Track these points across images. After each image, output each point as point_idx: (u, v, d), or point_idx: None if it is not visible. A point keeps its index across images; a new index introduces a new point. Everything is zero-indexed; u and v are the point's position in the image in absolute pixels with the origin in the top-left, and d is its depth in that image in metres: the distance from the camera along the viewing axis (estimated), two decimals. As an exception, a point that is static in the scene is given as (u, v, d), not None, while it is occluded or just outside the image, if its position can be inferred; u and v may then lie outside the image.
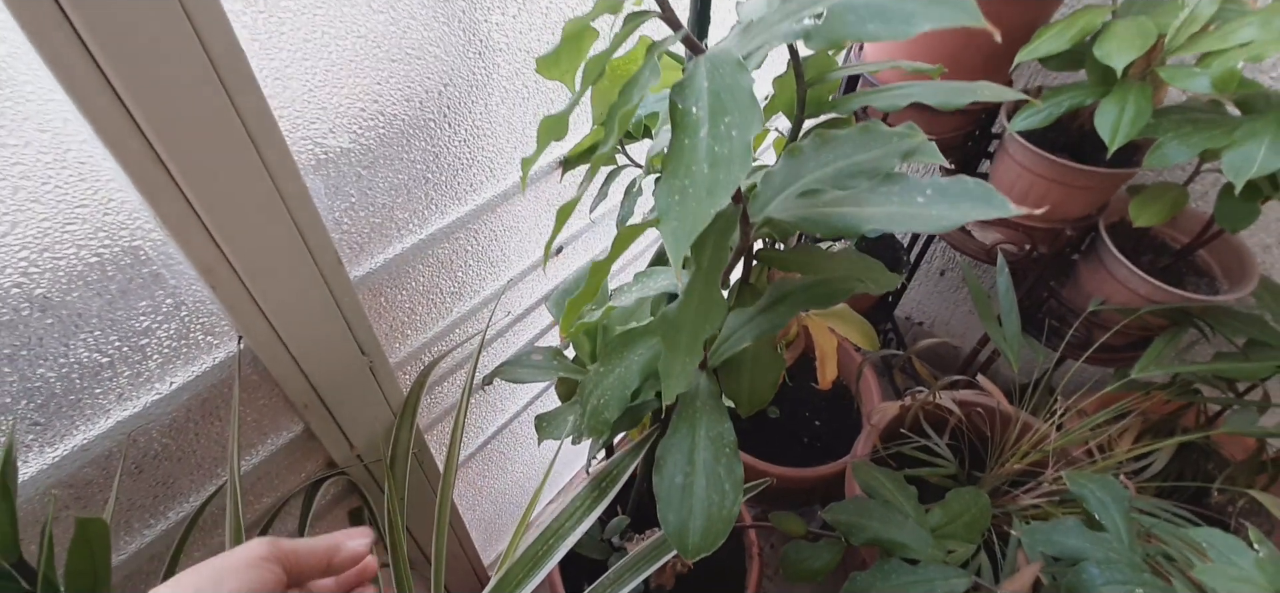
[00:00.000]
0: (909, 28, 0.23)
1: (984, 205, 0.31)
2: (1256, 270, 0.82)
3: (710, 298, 0.36)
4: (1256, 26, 0.64)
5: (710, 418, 0.48)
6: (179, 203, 0.36)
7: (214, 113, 0.35)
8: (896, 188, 0.35)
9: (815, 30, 0.25)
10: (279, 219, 0.41)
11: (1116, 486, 0.67)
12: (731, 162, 0.25)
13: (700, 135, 0.26)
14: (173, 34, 0.32)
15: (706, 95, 0.27)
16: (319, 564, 0.32)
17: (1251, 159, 0.63)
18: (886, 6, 0.24)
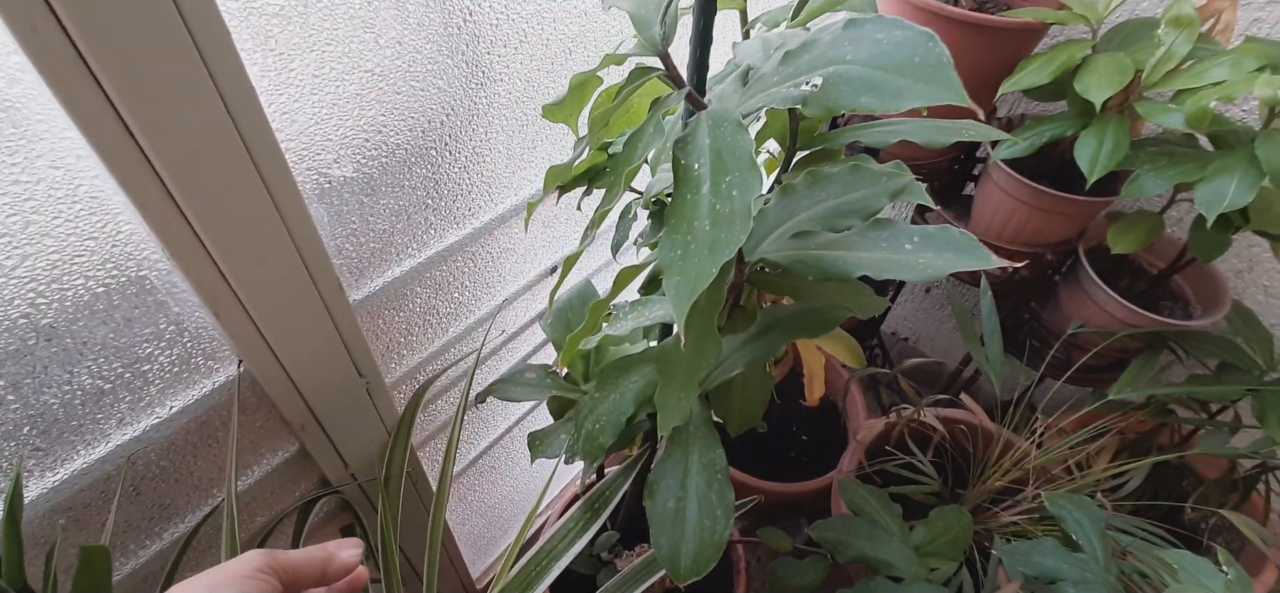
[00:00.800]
0: (899, 103, 0.25)
1: (969, 257, 0.33)
2: (1229, 296, 0.85)
3: (707, 337, 0.37)
4: (1228, 67, 0.67)
5: (703, 444, 0.49)
6: (187, 235, 0.37)
7: (224, 149, 0.36)
8: (885, 234, 0.37)
9: (812, 97, 0.27)
10: (283, 249, 0.42)
11: (1093, 506, 0.69)
12: (732, 222, 0.26)
13: (702, 192, 0.27)
14: (188, 75, 0.33)
15: (708, 153, 0.28)
16: (313, 574, 0.33)
17: (1223, 194, 0.66)
18: (879, 81, 0.25)
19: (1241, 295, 0.95)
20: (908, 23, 0.26)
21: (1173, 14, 0.70)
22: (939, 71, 0.24)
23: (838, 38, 0.28)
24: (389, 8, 0.43)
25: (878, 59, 0.26)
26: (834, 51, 0.27)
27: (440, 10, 0.46)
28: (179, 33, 0.32)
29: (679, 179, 0.29)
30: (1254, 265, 0.92)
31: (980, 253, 0.32)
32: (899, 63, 0.25)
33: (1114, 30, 0.78)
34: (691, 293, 0.26)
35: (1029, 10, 0.76)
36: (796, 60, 0.29)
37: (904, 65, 0.25)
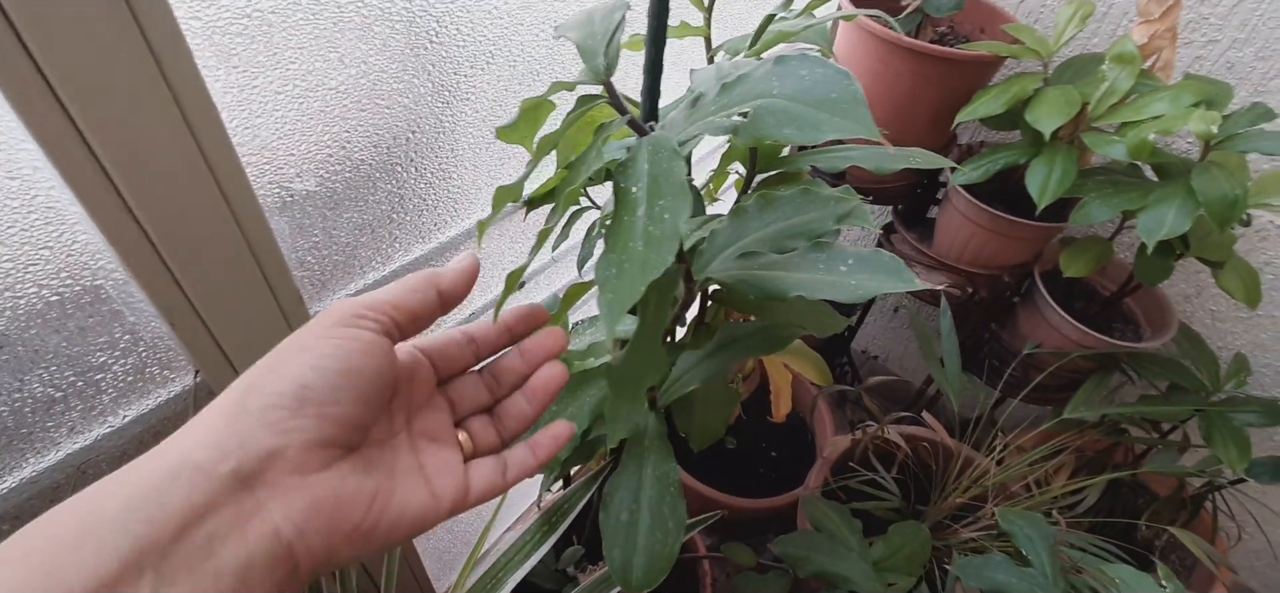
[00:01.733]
0: (817, 134, 0.26)
1: (896, 279, 0.34)
2: (1175, 319, 0.88)
3: (652, 351, 0.39)
4: (1167, 102, 0.70)
5: (657, 457, 0.50)
6: (143, 246, 0.38)
7: (184, 163, 0.37)
8: (823, 256, 0.38)
9: (742, 127, 0.29)
10: (242, 260, 0.43)
11: (1043, 523, 0.71)
12: (663, 243, 0.27)
13: (638, 215, 0.29)
14: (147, 90, 0.34)
15: (646, 177, 0.30)
16: (425, 302, 0.27)
17: (1162, 221, 0.69)
18: (800, 114, 0.27)
19: (1189, 319, 0.98)
20: (828, 62, 0.28)
21: (1116, 51, 0.74)
22: (853, 106, 0.26)
23: (768, 73, 0.30)
24: (354, 29, 0.44)
25: (800, 94, 0.28)
26: (763, 85, 0.29)
27: (406, 32, 0.48)
28: (139, 48, 0.33)
29: (618, 201, 0.30)
30: (1201, 290, 0.96)
31: (906, 276, 0.34)
32: (819, 98, 0.27)
33: (1064, 64, 0.82)
34: (623, 305, 0.27)
35: (985, 43, 0.79)
36: (732, 92, 0.31)
37: (823, 100, 0.27)
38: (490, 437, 0.30)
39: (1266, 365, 0.95)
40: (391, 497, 0.25)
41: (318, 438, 0.23)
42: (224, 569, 0.20)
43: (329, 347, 0.24)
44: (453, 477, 0.27)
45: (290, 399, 0.22)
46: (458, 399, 0.30)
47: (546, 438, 0.31)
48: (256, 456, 0.21)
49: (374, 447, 0.26)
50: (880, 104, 0.87)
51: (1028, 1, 0.93)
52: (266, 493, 0.21)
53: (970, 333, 1.00)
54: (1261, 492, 0.93)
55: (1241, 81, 0.82)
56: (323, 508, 0.22)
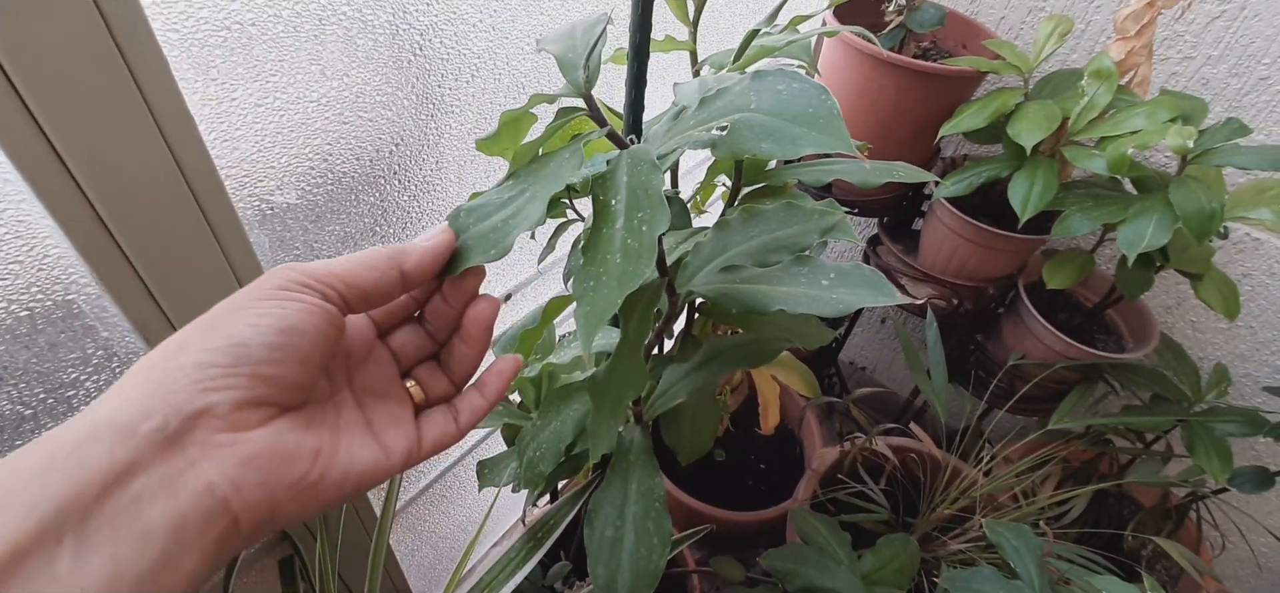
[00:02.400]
0: (795, 149, 0.27)
1: (877, 293, 0.35)
2: (1157, 330, 0.89)
3: (634, 364, 0.38)
4: (1144, 117, 0.72)
5: (642, 472, 0.49)
6: (117, 260, 0.37)
7: (159, 175, 0.36)
8: (805, 270, 0.38)
9: (720, 142, 0.29)
10: (220, 274, 0.42)
11: (1030, 534, 0.71)
12: (641, 255, 0.27)
13: (616, 227, 0.29)
14: (121, 101, 0.33)
15: (625, 190, 0.30)
16: (382, 281, 0.25)
17: (1141, 235, 0.70)
18: (778, 129, 0.27)
19: (1171, 330, 1.00)
20: (805, 77, 0.28)
21: (1094, 67, 0.75)
22: (829, 121, 0.26)
23: (746, 88, 0.30)
24: (336, 41, 0.44)
25: (777, 108, 0.28)
26: (741, 100, 0.29)
27: (390, 45, 0.48)
28: (113, 60, 0.33)
29: (597, 214, 0.30)
30: (1181, 302, 0.98)
31: (887, 289, 0.34)
32: (796, 112, 0.27)
33: (1044, 80, 0.83)
34: (599, 319, 0.27)
35: (967, 59, 0.80)
36: (711, 106, 0.31)
37: (800, 115, 0.27)
38: (441, 383, 0.29)
39: (1246, 376, 0.96)
40: (336, 451, 0.24)
41: (251, 397, 0.21)
42: (154, 528, 0.19)
43: (268, 306, 0.23)
44: (403, 429, 0.27)
45: (223, 356, 0.21)
46: (400, 349, 0.29)
47: (492, 376, 0.30)
48: (183, 414, 0.20)
49: (315, 405, 0.25)
50: (865, 118, 0.88)
51: (1009, 18, 0.95)
52: (197, 451, 0.20)
53: (956, 344, 1.00)
54: (1244, 501, 0.94)
55: (1216, 97, 0.84)
56: (259, 462, 0.21)
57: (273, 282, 0.23)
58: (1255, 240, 0.88)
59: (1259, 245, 0.88)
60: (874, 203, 0.98)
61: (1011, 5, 0.94)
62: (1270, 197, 0.73)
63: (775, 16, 0.55)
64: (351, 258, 0.25)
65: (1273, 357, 0.93)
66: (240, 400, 0.21)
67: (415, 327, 0.30)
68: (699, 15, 0.57)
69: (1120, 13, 0.74)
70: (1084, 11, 0.88)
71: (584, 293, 0.28)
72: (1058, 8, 0.90)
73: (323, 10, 0.42)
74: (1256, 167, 0.67)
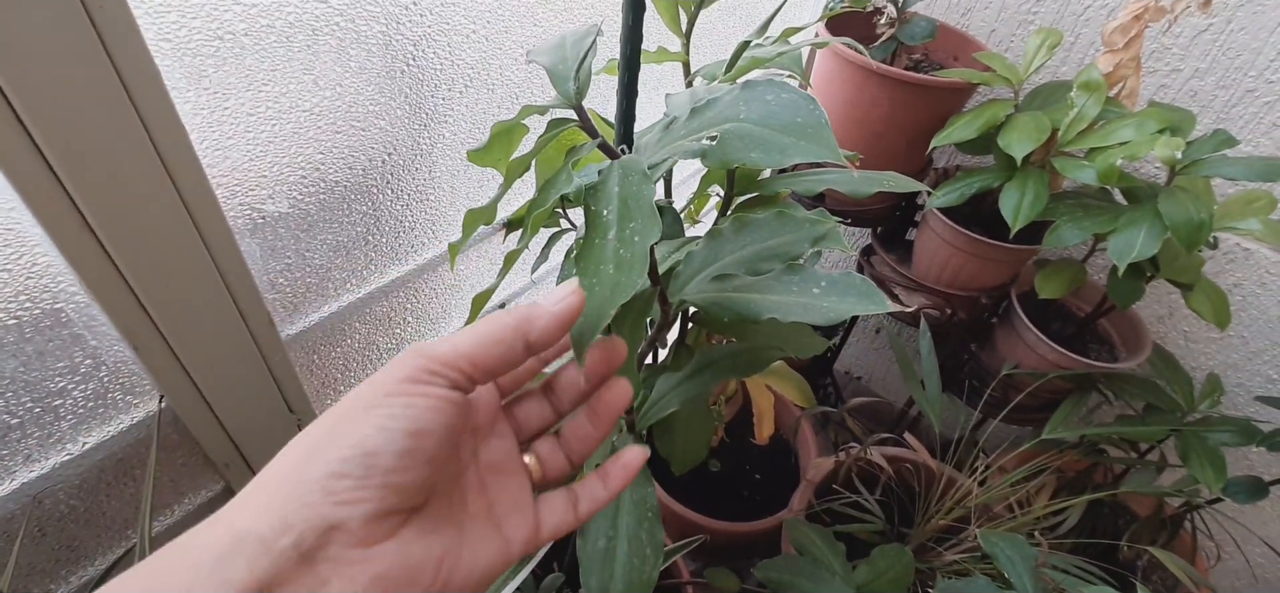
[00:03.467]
0: (783, 158, 0.27)
1: (867, 302, 0.35)
2: (1149, 340, 0.90)
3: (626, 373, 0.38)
4: (1133, 128, 0.72)
5: (635, 482, 0.49)
6: (106, 268, 0.37)
7: (149, 184, 0.36)
8: (796, 278, 0.38)
9: (710, 151, 0.29)
10: (210, 283, 0.42)
11: (1024, 545, 0.71)
12: (633, 265, 0.27)
13: (609, 238, 0.29)
14: (111, 110, 0.33)
15: (616, 201, 0.30)
16: (507, 353, 0.24)
17: (1132, 244, 0.70)
18: (767, 138, 0.27)
19: (1163, 339, 1.00)
20: (794, 87, 0.28)
21: (1083, 79, 0.76)
22: (818, 130, 0.27)
23: (735, 98, 0.30)
24: (329, 51, 0.44)
25: (766, 118, 0.28)
26: (731, 110, 0.29)
27: (382, 55, 0.48)
28: (104, 68, 0.33)
29: (589, 224, 0.30)
30: (1173, 311, 0.98)
31: (877, 298, 0.34)
32: (784, 122, 0.27)
33: (1035, 91, 0.84)
34: (593, 331, 0.27)
35: (958, 71, 0.81)
36: (701, 116, 0.31)
37: (789, 124, 0.27)
38: (559, 462, 0.28)
39: (1239, 386, 0.96)
40: (460, 555, 0.23)
41: (382, 508, 0.21)
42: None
43: (396, 406, 0.22)
44: (523, 517, 0.26)
45: (355, 467, 0.21)
46: (522, 420, 0.28)
47: (618, 469, 0.29)
48: (317, 529, 0.20)
49: (440, 497, 0.24)
50: (858, 129, 0.88)
51: (999, 31, 0.96)
52: (329, 569, 0.20)
53: (950, 354, 1.01)
54: (1238, 511, 0.94)
55: (1204, 109, 0.85)
56: (387, 580, 0.21)
57: (400, 373, 0.23)
58: (1245, 251, 0.89)
59: (1249, 255, 0.89)
60: (867, 213, 0.99)
61: (1002, 18, 0.95)
62: (1259, 207, 0.74)
63: (766, 28, 0.56)
64: (477, 333, 0.24)
65: (1265, 366, 0.93)
66: (370, 514, 0.21)
67: (539, 397, 0.29)
68: (691, 27, 0.58)
69: (1108, 26, 0.75)
70: (1073, 25, 0.90)
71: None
72: (1047, 21, 0.91)
73: (316, 21, 0.42)
74: (1244, 177, 0.68)
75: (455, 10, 0.51)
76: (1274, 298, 0.89)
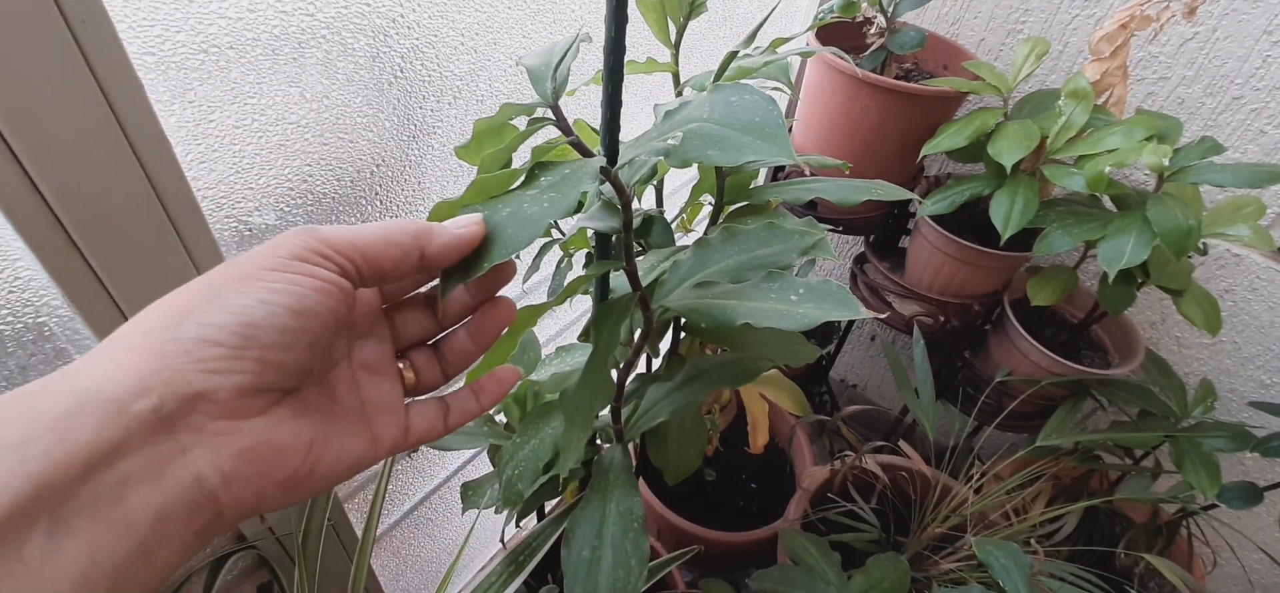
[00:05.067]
0: (740, 156, 0.27)
1: (843, 308, 0.35)
2: (1142, 346, 0.90)
3: (601, 378, 0.38)
4: (1121, 136, 0.73)
5: (621, 492, 0.49)
6: (90, 282, 0.37)
7: (133, 198, 0.36)
8: (775, 285, 0.39)
9: (673, 150, 0.29)
10: (195, 295, 0.42)
11: (1019, 553, 0.71)
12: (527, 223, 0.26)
13: (528, 192, 0.28)
14: (94, 125, 0.34)
15: (559, 176, 0.29)
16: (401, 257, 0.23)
17: (1121, 251, 0.70)
18: (725, 137, 0.28)
19: (1156, 345, 1.00)
20: (754, 89, 0.29)
21: (1071, 87, 0.76)
22: (774, 130, 0.27)
23: (703, 101, 0.30)
24: (315, 65, 0.45)
25: (726, 118, 0.28)
26: (697, 112, 0.30)
27: (370, 68, 0.48)
28: (86, 83, 0.33)
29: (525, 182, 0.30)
30: (1166, 317, 0.98)
31: (852, 305, 0.34)
32: (743, 122, 0.28)
33: (1023, 100, 0.84)
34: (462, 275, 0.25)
35: (948, 80, 0.82)
36: (672, 119, 0.32)
37: (747, 124, 0.28)
38: (433, 373, 0.28)
39: (1232, 391, 0.96)
40: (328, 442, 0.23)
41: (255, 383, 0.20)
42: (135, 517, 0.17)
43: (282, 282, 0.21)
44: (393, 417, 0.25)
45: (231, 336, 0.19)
46: (402, 327, 0.28)
47: (492, 382, 0.29)
48: (181, 395, 0.19)
49: (312, 383, 0.23)
50: (848, 138, 0.89)
51: (988, 40, 0.96)
52: (189, 437, 0.19)
53: (944, 361, 1.00)
54: (1234, 517, 0.93)
55: (1192, 116, 0.85)
56: (254, 457, 0.20)
57: (287, 249, 0.21)
58: (1236, 257, 0.89)
59: (1239, 261, 0.89)
60: (859, 221, 0.99)
61: (990, 28, 0.95)
62: (1247, 213, 0.74)
63: (754, 38, 0.56)
64: (373, 230, 0.23)
65: (1257, 371, 0.93)
66: (243, 387, 0.20)
67: (421, 307, 0.28)
68: (680, 38, 0.58)
69: (1095, 34, 0.75)
70: (1060, 34, 0.90)
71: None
72: (1035, 30, 0.92)
73: (302, 34, 0.43)
74: (1232, 184, 0.68)
75: (443, 22, 0.51)
76: (1265, 303, 0.89)
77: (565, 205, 0.26)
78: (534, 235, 0.26)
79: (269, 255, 0.21)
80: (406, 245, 0.24)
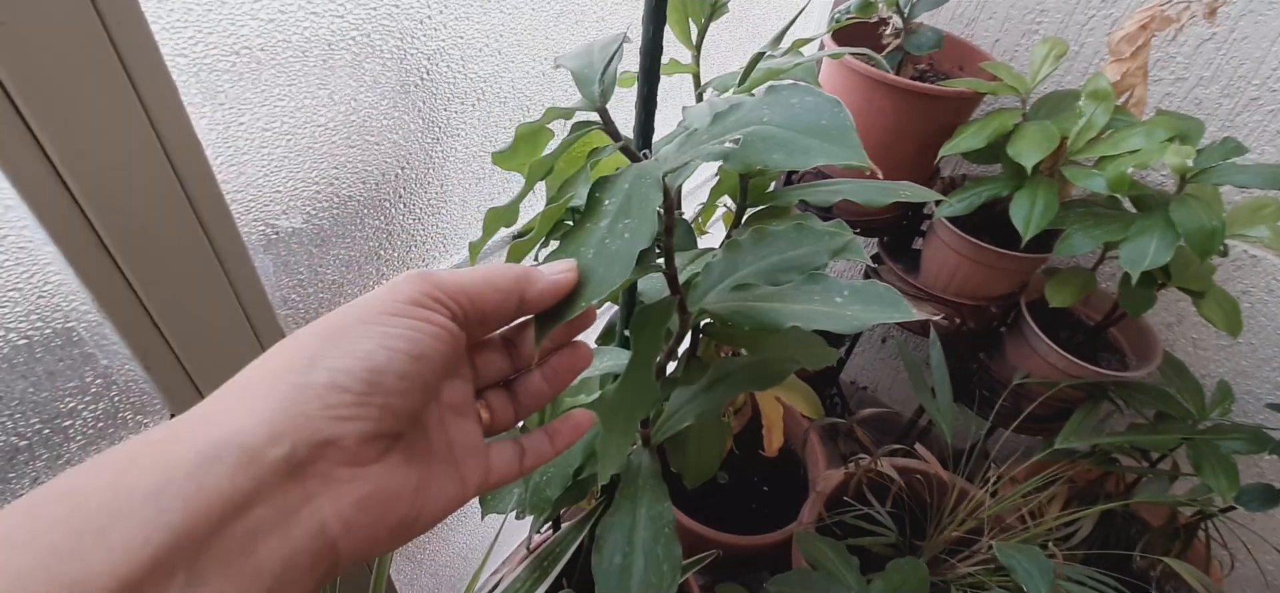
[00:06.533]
0: (807, 160, 0.26)
1: (891, 310, 0.34)
2: (1159, 348, 0.89)
3: (644, 383, 0.38)
4: (1142, 137, 0.72)
5: (651, 497, 0.49)
6: (120, 287, 0.36)
7: (165, 201, 0.36)
8: (818, 287, 0.38)
9: (733, 154, 0.28)
10: (225, 302, 0.41)
11: (1042, 556, 0.70)
12: (615, 260, 0.26)
13: (601, 225, 0.28)
14: (130, 128, 0.33)
15: (622, 196, 0.29)
16: (502, 301, 0.24)
17: (1144, 253, 0.70)
18: (790, 141, 0.27)
19: (1172, 347, 1.00)
20: (818, 90, 0.28)
21: (1091, 87, 0.76)
22: (843, 134, 0.26)
23: (759, 102, 0.30)
24: (345, 67, 0.44)
25: (790, 121, 0.28)
26: (754, 114, 0.29)
27: (397, 69, 0.48)
28: (120, 83, 0.32)
29: (587, 209, 0.29)
30: (1182, 319, 0.98)
31: (902, 306, 0.33)
32: (808, 125, 0.27)
33: (1042, 100, 0.84)
34: (553, 320, 0.25)
35: (965, 80, 0.81)
36: (724, 121, 0.31)
37: (813, 127, 0.27)
38: (507, 413, 0.28)
39: (1249, 393, 0.96)
40: (430, 486, 0.23)
41: (379, 430, 0.20)
42: (264, 568, 0.17)
43: (402, 327, 0.21)
44: (477, 458, 0.25)
45: (358, 382, 0.20)
46: (481, 367, 0.28)
47: (566, 427, 0.29)
48: (312, 442, 0.19)
49: (414, 428, 0.23)
50: (864, 139, 0.87)
51: (1004, 41, 0.96)
52: (316, 485, 0.19)
53: (959, 363, 1.00)
54: (1251, 519, 0.93)
55: (1210, 117, 0.85)
56: (372, 503, 0.20)
57: (405, 293, 0.22)
58: (1253, 258, 0.89)
59: (1257, 263, 0.89)
60: (874, 222, 0.99)
61: (1006, 29, 0.95)
62: (1267, 214, 0.74)
63: (780, 40, 0.56)
64: (477, 274, 0.24)
65: (1274, 373, 0.93)
66: (366, 434, 0.20)
67: (499, 348, 0.28)
68: (702, 39, 0.58)
69: (1114, 35, 0.75)
70: (1077, 34, 0.90)
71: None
72: (1051, 30, 0.92)
73: (332, 36, 0.42)
74: (1255, 185, 0.68)
75: (468, 24, 0.51)
76: (1283, 305, 0.89)
77: (646, 232, 0.26)
78: (624, 274, 0.25)
79: (388, 300, 0.22)
80: (507, 290, 0.24)
